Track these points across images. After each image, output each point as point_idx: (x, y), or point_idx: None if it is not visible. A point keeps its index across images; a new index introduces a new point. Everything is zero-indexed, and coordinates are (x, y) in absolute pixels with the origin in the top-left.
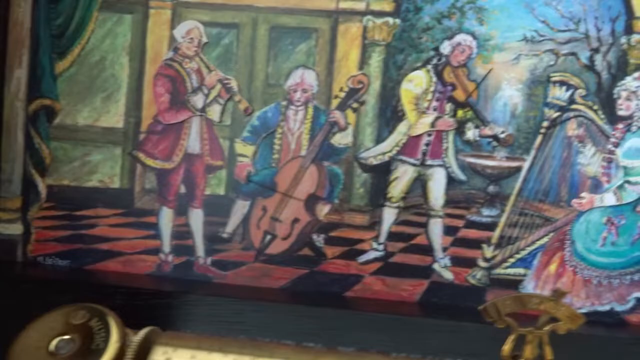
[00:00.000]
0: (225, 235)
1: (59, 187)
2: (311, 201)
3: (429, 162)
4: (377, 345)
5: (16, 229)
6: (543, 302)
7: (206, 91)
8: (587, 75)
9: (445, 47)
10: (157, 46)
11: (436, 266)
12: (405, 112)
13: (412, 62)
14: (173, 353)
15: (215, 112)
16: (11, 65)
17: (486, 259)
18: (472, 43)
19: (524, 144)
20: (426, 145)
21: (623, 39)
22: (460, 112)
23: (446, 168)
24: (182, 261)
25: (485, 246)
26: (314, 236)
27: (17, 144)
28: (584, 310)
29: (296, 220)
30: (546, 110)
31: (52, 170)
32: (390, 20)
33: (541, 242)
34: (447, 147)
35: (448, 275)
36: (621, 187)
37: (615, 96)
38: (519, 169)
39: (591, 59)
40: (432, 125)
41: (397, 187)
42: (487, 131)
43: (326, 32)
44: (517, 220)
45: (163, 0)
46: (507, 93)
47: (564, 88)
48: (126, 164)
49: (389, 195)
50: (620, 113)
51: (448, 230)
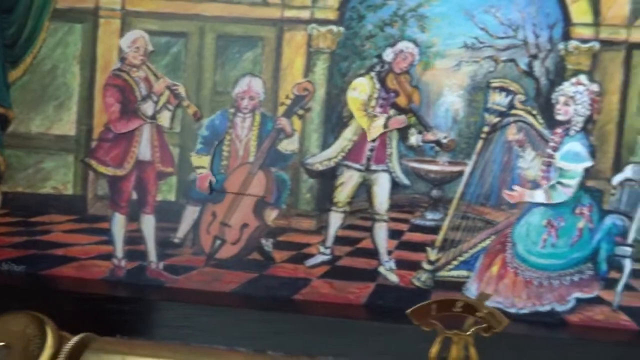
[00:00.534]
0: (176, 240)
1: (14, 194)
2: (259, 206)
3: (374, 168)
4: (323, 348)
5: None
6: (467, 306)
7: (155, 98)
8: (526, 81)
9: (388, 55)
10: (108, 55)
11: (382, 269)
12: (356, 119)
13: (356, 70)
14: (105, 358)
15: (165, 119)
16: None
17: (430, 262)
18: (414, 50)
19: (466, 149)
20: (370, 150)
21: (561, 45)
22: None
23: (390, 173)
24: (135, 266)
25: (429, 249)
26: (263, 241)
27: None
28: (526, 310)
29: (245, 225)
30: (486, 115)
31: (7, 177)
32: (334, 28)
33: (483, 245)
34: (391, 153)
35: (393, 278)
36: (553, 187)
37: (553, 101)
38: (461, 174)
39: (530, 65)
40: (385, 126)
41: (343, 192)
42: (430, 136)
43: (272, 41)
44: (460, 223)
45: (112, 9)
46: (449, 99)
47: (504, 94)
48: (79, 171)
49: (335, 200)
50: (558, 118)
51: (393, 233)
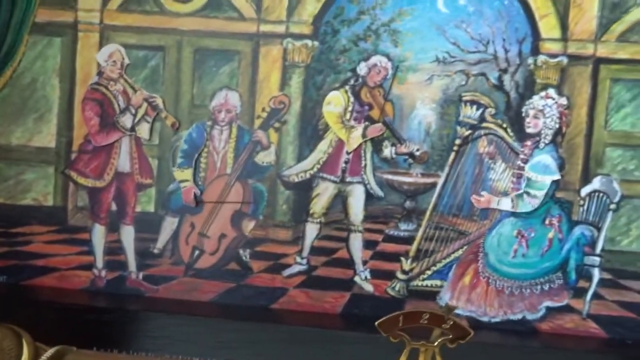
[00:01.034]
0: (155, 250)
1: None
2: (237, 217)
3: (349, 179)
4: (299, 357)
5: None
6: (433, 317)
7: (133, 111)
8: (497, 94)
9: (361, 69)
10: (87, 68)
11: (357, 279)
12: (335, 132)
13: (331, 83)
14: None
15: (144, 131)
16: None
17: (404, 272)
18: (388, 64)
19: (438, 161)
20: (345, 163)
21: (530, 60)
22: None
23: (365, 185)
24: (115, 276)
25: (403, 259)
26: (241, 251)
27: None
28: (498, 319)
29: (223, 235)
30: (458, 128)
31: None
32: (309, 42)
33: (456, 255)
34: (366, 165)
35: (368, 287)
36: (519, 196)
37: (523, 114)
38: (434, 185)
39: (500, 79)
40: (364, 135)
41: (319, 204)
42: (403, 149)
43: (248, 55)
44: (433, 234)
45: (91, 23)
46: (422, 112)
47: (475, 107)
48: (59, 183)
49: (311, 211)
50: (528, 130)
51: (368, 244)
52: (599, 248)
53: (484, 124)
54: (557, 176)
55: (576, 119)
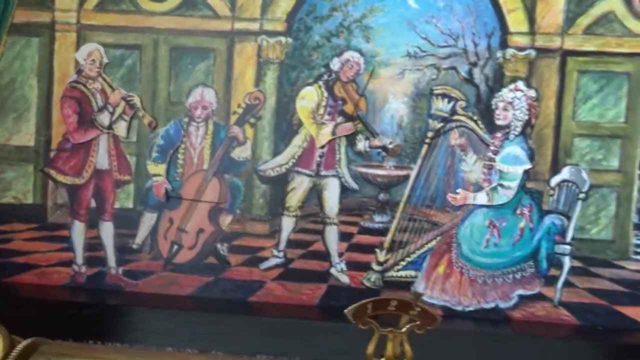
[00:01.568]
0: (134, 246)
1: None
2: (214, 212)
3: (324, 173)
4: (276, 348)
5: None
6: (401, 304)
7: (111, 109)
8: (467, 87)
9: (334, 64)
10: (64, 67)
11: (333, 271)
12: (306, 127)
13: (305, 79)
14: None
15: (121, 129)
16: None
17: (379, 263)
18: (360, 60)
19: (411, 154)
20: (320, 157)
21: (499, 53)
22: None
23: (339, 178)
24: (95, 272)
25: (378, 251)
26: (218, 245)
27: None
28: (471, 308)
29: (201, 230)
30: (430, 121)
31: None
32: (282, 39)
33: (430, 246)
34: (340, 158)
35: (344, 279)
36: (494, 189)
37: (493, 107)
38: (407, 177)
39: (470, 73)
40: (333, 133)
41: (295, 197)
42: (377, 142)
43: (223, 52)
44: (407, 225)
45: (68, 23)
46: (394, 106)
47: (446, 100)
48: (38, 181)
49: (287, 204)
50: (498, 122)
51: (343, 236)
52: (569, 237)
53: (455, 117)
54: (528, 165)
55: (545, 111)
